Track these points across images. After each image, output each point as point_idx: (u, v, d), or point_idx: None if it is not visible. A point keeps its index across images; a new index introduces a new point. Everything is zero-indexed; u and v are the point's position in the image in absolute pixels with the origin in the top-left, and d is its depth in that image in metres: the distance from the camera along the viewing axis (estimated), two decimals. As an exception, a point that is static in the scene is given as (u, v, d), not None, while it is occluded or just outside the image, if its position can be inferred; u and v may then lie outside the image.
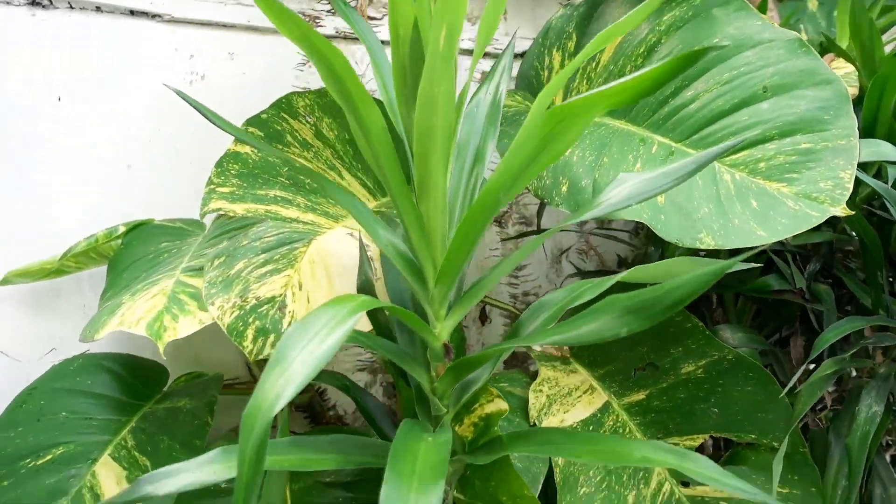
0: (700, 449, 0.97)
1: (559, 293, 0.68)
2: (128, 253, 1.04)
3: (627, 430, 0.94)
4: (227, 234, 0.97)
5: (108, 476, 0.91)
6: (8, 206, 1.11)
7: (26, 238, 1.12)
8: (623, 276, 0.68)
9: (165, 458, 0.93)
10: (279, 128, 0.88)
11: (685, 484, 0.93)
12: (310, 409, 1.24)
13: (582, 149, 0.88)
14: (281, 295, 0.74)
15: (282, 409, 0.52)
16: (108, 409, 1.00)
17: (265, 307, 0.73)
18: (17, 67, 1.11)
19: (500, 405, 0.71)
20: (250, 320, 0.72)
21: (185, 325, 0.78)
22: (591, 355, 1.00)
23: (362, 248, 0.77)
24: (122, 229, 1.07)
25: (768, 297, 0.93)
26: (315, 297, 0.74)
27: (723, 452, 1.00)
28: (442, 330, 0.63)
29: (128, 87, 1.16)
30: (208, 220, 1.12)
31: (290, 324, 0.73)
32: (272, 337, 0.72)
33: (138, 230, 1.08)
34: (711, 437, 0.96)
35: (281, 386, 0.48)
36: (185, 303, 0.82)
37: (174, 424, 0.96)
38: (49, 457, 0.93)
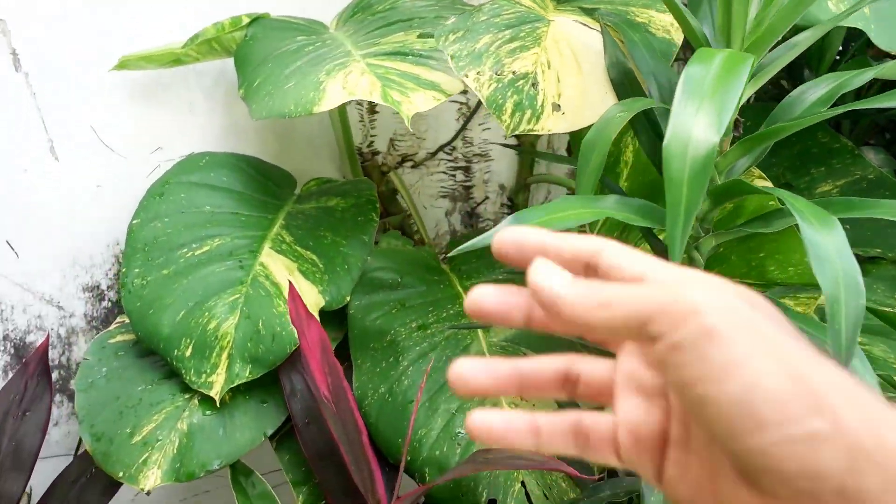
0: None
1: (816, 85, 0.71)
2: (259, 46, 0.97)
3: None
4: (386, 26, 0.92)
5: (278, 267, 0.89)
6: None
7: (130, 27, 1.02)
8: (882, 69, 0.71)
9: (333, 251, 0.91)
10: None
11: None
12: (401, 229, 1.23)
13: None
14: (532, 72, 0.72)
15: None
16: (251, 206, 0.96)
17: (521, 82, 0.72)
18: None
19: (763, 182, 0.74)
20: (508, 94, 0.71)
21: (421, 100, 0.75)
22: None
23: (605, 30, 0.76)
24: (245, 20, 1.00)
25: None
26: (565, 76, 0.73)
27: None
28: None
29: None
30: (326, 21, 1.06)
31: (542, 102, 0.72)
32: (528, 113, 0.71)
33: (261, 24, 1.00)
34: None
35: (707, 118, 0.49)
36: (399, 82, 0.78)
37: (333, 221, 0.94)
38: (206, 248, 0.90)
